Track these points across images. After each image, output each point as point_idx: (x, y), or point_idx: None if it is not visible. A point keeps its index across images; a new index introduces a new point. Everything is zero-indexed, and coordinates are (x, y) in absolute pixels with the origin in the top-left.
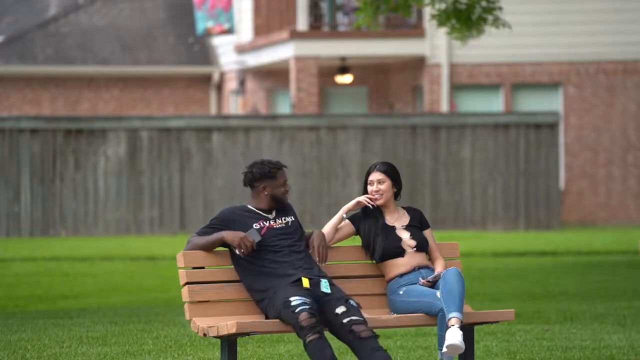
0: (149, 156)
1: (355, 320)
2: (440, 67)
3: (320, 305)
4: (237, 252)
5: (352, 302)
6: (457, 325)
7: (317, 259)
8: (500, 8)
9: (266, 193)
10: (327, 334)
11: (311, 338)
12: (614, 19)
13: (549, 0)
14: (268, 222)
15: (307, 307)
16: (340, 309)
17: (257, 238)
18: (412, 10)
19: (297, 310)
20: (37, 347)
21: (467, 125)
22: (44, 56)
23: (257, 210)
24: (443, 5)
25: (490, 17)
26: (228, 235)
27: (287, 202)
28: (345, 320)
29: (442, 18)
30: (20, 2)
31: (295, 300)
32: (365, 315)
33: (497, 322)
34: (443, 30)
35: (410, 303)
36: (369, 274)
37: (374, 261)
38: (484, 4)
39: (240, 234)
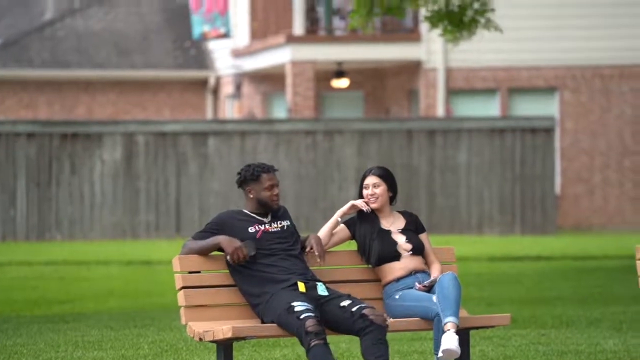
0: (145, 160)
1: (365, 306)
2: (436, 71)
3: (318, 308)
4: (227, 258)
5: (353, 297)
6: (453, 330)
7: (316, 254)
8: (492, 10)
9: (251, 196)
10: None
11: (315, 343)
12: (610, 23)
13: (545, 5)
14: (263, 225)
15: (312, 314)
16: (345, 302)
17: (252, 252)
18: (407, 13)
19: (302, 317)
20: (33, 352)
21: (463, 129)
22: (40, 60)
23: (252, 215)
24: (436, 7)
25: (482, 20)
26: (224, 241)
27: (278, 206)
28: (354, 309)
29: (435, 19)
30: (16, 6)
31: (299, 306)
32: None
33: (493, 326)
34: (439, 34)
35: (406, 307)
36: (364, 279)
37: (369, 265)
38: (476, 5)
39: (237, 242)
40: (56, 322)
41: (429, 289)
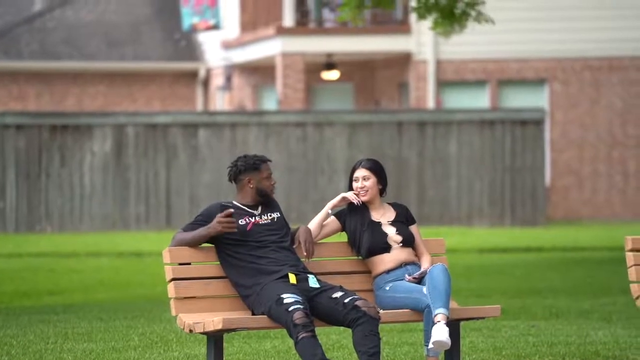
0: (135, 152)
1: (358, 298)
2: (426, 63)
3: (310, 300)
4: (220, 228)
5: (345, 288)
6: (443, 322)
7: (305, 253)
8: (483, 2)
9: (251, 186)
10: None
11: (303, 335)
12: (600, 15)
13: None
14: (254, 217)
15: (301, 306)
16: (337, 294)
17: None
18: (397, 5)
19: (291, 309)
20: (22, 343)
21: (453, 121)
22: (30, 52)
23: (242, 206)
24: None
25: (473, 12)
26: (212, 227)
27: (273, 197)
28: (347, 300)
29: (422, 11)
30: None
31: (288, 297)
32: None
33: (483, 318)
34: (429, 26)
35: (397, 299)
36: (355, 270)
37: (359, 257)
38: None
39: (216, 220)
40: (46, 314)
41: (419, 280)
